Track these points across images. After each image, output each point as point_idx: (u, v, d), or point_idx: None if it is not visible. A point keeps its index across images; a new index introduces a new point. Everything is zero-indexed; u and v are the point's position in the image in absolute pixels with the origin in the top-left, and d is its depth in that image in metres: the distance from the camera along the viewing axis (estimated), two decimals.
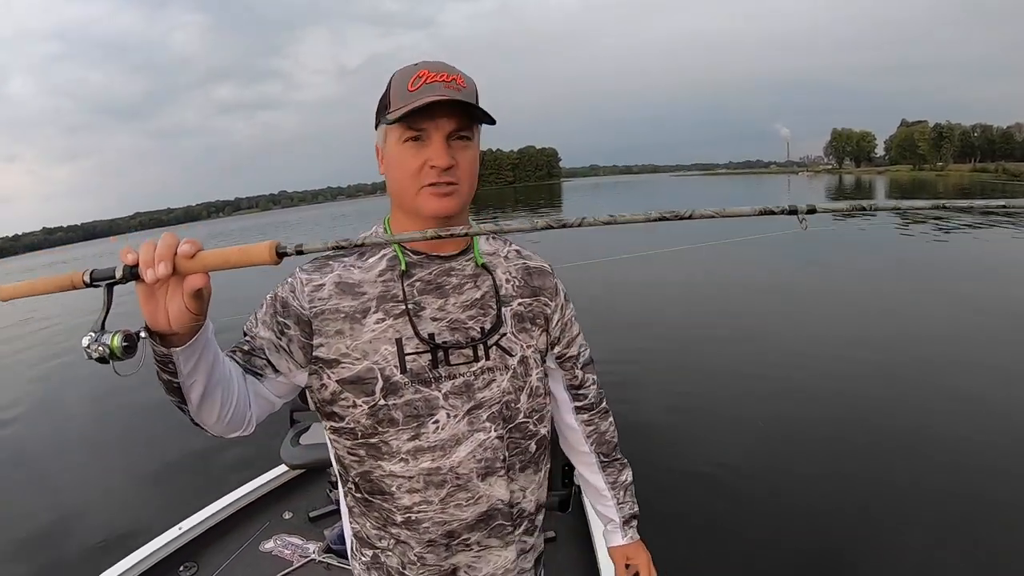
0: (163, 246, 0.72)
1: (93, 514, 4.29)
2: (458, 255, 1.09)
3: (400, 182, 1.01)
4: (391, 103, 0.98)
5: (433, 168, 0.98)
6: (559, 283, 1.20)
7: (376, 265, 1.05)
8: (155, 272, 0.71)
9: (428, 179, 0.99)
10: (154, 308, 0.75)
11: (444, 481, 1.04)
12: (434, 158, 0.97)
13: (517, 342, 1.09)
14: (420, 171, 0.98)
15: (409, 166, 0.99)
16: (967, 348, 6.28)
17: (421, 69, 0.98)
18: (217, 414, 0.90)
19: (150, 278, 0.71)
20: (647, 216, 0.74)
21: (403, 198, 1.02)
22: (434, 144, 0.98)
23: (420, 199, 1.00)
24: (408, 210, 1.04)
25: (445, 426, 1.03)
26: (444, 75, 0.97)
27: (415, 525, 1.06)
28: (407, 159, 0.99)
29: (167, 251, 0.72)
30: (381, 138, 1.04)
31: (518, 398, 1.09)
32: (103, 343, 0.73)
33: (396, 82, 0.99)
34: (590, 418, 1.29)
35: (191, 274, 0.73)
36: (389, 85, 1.00)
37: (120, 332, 0.74)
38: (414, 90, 0.96)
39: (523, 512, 1.15)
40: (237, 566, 2.59)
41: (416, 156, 0.98)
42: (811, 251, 13.17)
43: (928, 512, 3.48)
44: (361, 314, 1.02)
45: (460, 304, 1.06)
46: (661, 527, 3.56)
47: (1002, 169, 79.70)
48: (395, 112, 0.96)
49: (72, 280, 0.76)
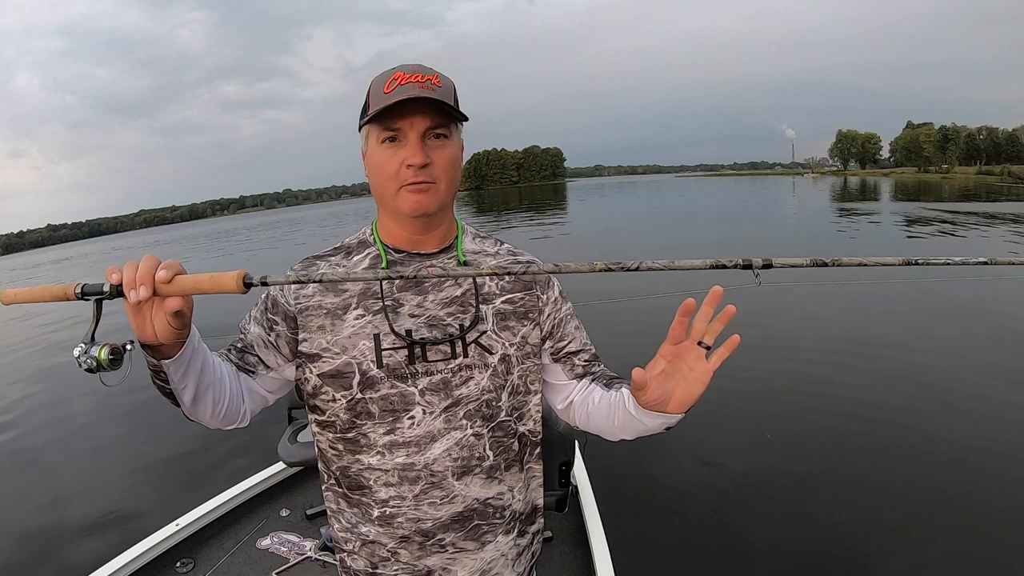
0: (143, 269, 0.78)
1: (91, 510, 4.30)
2: (439, 252, 1.11)
3: (380, 183, 1.03)
4: (369, 106, 1.01)
5: (409, 167, 0.99)
6: (553, 279, 1.19)
7: (360, 263, 1.10)
8: (137, 294, 0.77)
9: (406, 178, 1.00)
10: (141, 323, 0.81)
11: (418, 477, 1.05)
12: (409, 157, 0.99)
13: (498, 340, 1.08)
14: (398, 171, 1.01)
15: (387, 167, 1.01)
16: (977, 353, 6.11)
17: (397, 72, 1.00)
18: (210, 412, 0.97)
19: (132, 299, 0.78)
20: (592, 267, 0.74)
21: (384, 198, 1.05)
22: (410, 143, 1.00)
23: (399, 199, 1.02)
24: (390, 210, 1.06)
25: (420, 422, 1.04)
26: (418, 76, 0.99)
27: (389, 520, 1.06)
28: (385, 160, 1.01)
29: (147, 274, 0.77)
30: (364, 142, 1.06)
31: (499, 396, 1.09)
32: (91, 355, 0.79)
33: (374, 86, 1.01)
34: (594, 377, 1.18)
35: (169, 296, 0.78)
36: (369, 89, 1.03)
37: (108, 345, 0.80)
38: (389, 91, 0.98)
39: (514, 514, 1.14)
40: (234, 563, 2.60)
41: (393, 156, 1.01)
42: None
43: (944, 527, 3.40)
44: (342, 310, 1.05)
45: (439, 301, 1.07)
46: (670, 535, 3.57)
47: (1007, 172, 79.57)
48: (370, 113, 0.99)
49: (66, 292, 0.82)
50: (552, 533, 2.67)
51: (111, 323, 0.82)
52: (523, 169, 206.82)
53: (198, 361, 0.90)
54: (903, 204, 31.58)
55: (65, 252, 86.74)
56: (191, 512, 2.76)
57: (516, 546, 1.17)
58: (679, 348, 0.93)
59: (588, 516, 2.63)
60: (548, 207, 46.01)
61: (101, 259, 46.15)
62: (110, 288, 0.79)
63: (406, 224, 1.07)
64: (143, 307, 0.79)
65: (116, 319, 0.83)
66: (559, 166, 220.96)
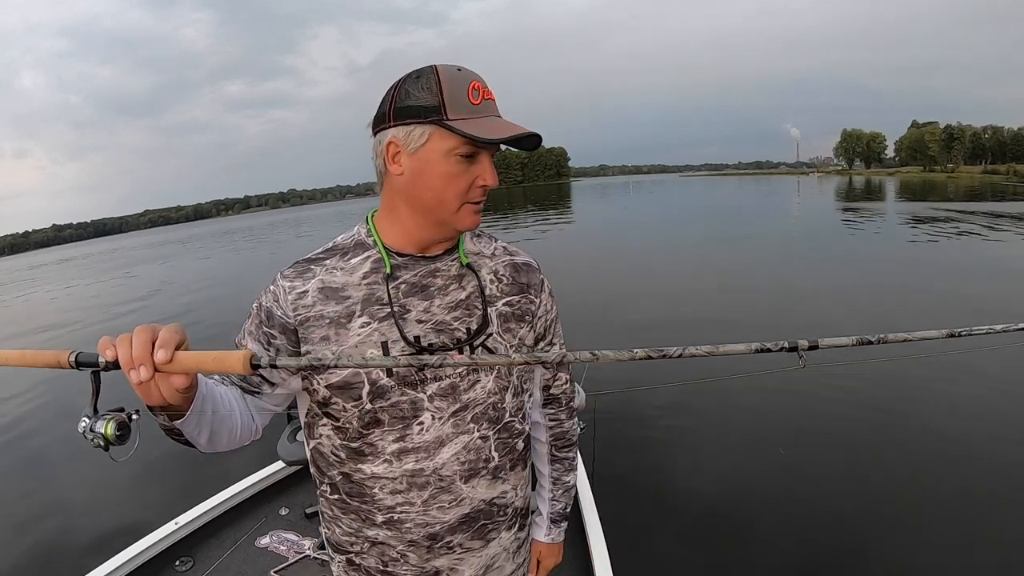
0: (140, 348, 0.73)
1: (90, 509, 4.32)
2: (443, 255, 1.08)
3: (440, 194, 0.97)
4: (446, 107, 0.93)
5: (482, 187, 0.98)
6: (545, 280, 1.19)
7: (360, 267, 1.04)
8: (138, 375, 0.73)
9: (474, 197, 0.99)
10: (146, 391, 0.77)
11: (427, 483, 1.04)
12: (488, 179, 0.98)
13: (502, 342, 1.08)
14: (468, 189, 0.98)
15: (459, 182, 0.97)
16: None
17: (472, 79, 0.95)
18: (225, 442, 0.97)
19: (134, 380, 0.74)
20: (632, 355, 0.69)
21: (439, 210, 0.99)
22: (484, 163, 0.98)
23: (460, 214, 1.00)
24: (437, 221, 1.01)
25: (430, 428, 1.03)
26: (490, 92, 0.97)
27: (397, 525, 1.06)
28: (458, 174, 0.96)
29: (145, 355, 0.73)
30: (413, 138, 0.95)
31: (503, 398, 1.10)
32: (97, 432, 0.76)
33: (450, 86, 0.93)
34: (555, 413, 1.28)
35: (172, 374, 0.75)
36: (439, 84, 0.93)
37: (113, 419, 0.77)
38: (477, 103, 0.94)
39: (517, 510, 1.16)
40: (233, 561, 2.59)
41: (466, 173, 0.97)
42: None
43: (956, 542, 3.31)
44: (346, 319, 1.01)
45: (445, 305, 1.05)
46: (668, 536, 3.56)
47: (1013, 171, 79.14)
48: (474, 126, 0.93)
49: (59, 359, 0.77)
50: None
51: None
52: (527, 169, 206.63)
53: (208, 407, 0.88)
54: (909, 204, 31.43)
55: (69, 252, 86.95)
56: (190, 510, 2.76)
57: (516, 539, 1.19)
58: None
59: (587, 517, 2.62)
60: (553, 207, 45.93)
61: (105, 259, 46.25)
62: (106, 363, 0.75)
63: (438, 232, 1.03)
64: (146, 382, 0.75)
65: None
66: (563, 166, 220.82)
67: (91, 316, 14.31)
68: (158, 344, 0.73)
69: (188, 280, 20.30)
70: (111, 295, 19.10)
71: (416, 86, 0.94)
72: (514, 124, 0.96)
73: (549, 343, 1.20)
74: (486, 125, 0.93)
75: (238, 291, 15.75)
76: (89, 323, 13.17)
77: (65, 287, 25.01)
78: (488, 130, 0.92)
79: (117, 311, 14.61)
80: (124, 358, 0.73)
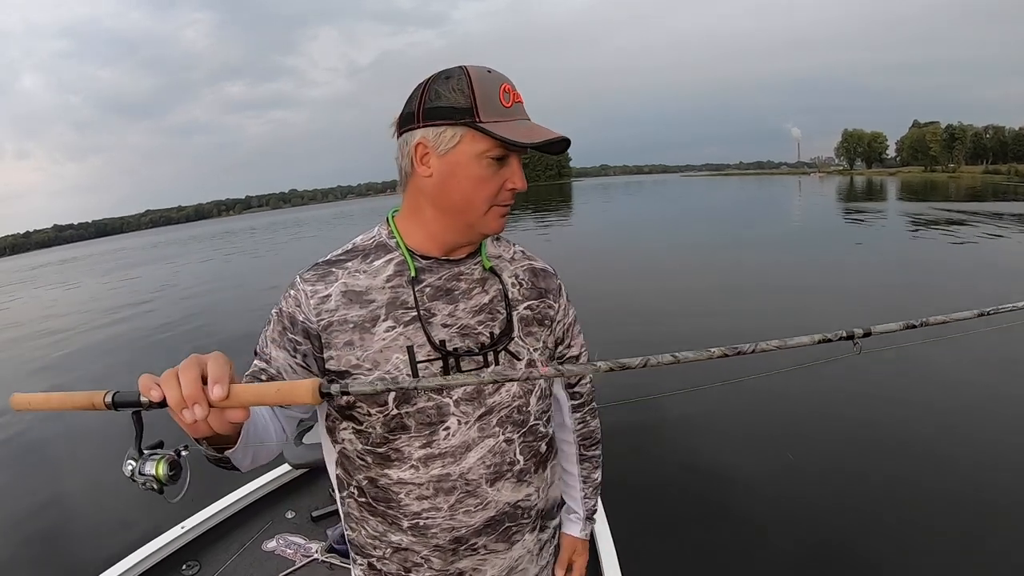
0: (191, 386, 0.68)
1: (97, 513, 4.31)
2: (466, 258, 1.07)
3: (470, 197, 0.97)
4: (480, 109, 0.92)
5: (511, 191, 0.98)
6: (562, 285, 1.19)
7: (383, 270, 1.03)
8: (192, 415, 0.68)
9: (504, 200, 0.99)
10: (195, 426, 0.72)
11: (454, 487, 1.04)
12: (517, 182, 0.98)
13: (524, 346, 1.08)
14: (498, 192, 0.98)
15: (490, 185, 0.97)
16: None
17: (503, 82, 0.95)
18: (264, 457, 0.96)
19: (188, 420, 0.69)
20: (711, 354, 0.72)
21: (468, 213, 0.99)
22: (514, 167, 0.98)
23: (488, 218, 1.00)
24: (464, 223, 1.01)
25: (456, 432, 1.02)
26: (520, 95, 0.97)
27: (422, 531, 1.05)
28: (488, 176, 0.96)
29: (197, 392, 0.68)
30: (443, 140, 0.95)
31: (528, 401, 1.09)
32: (147, 474, 0.72)
33: (483, 88, 0.93)
34: (582, 416, 1.29)
35: (229, 409, 0.71)
36: (469, 84, 0.93)
37: (164, 459, 0.73)
38: (508, 106, 0.94)
39: (539, 512, 1.16)
40: (239, 565, 2.58)
41: (496, 176, 0.97)
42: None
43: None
44: (371, 323, 1.00)
45: (470, 309, 1.04)
46: (676, 535, 3.55)
47: (1014, 171, 79.16)
48: (507, 128, 0.93)
49: (92, 400, 0.72)
50: None
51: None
52: (529, 169, 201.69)
53: (254, 431, 0.87)
54: (910, 204, 31.42)
55: (71, 253, 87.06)
56: (197, 514, 2.75)
57: (539, 541, 1.18)
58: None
59: (595, 516, 2.60)
60: (555, 207, 45.90)
61: (107, 260, 46.28)
62: (149, 402, 0.70)
63: (465, 235, 1.03)
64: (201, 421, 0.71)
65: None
66: (565, 166, 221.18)
67: (93, 320, 14.31)
68: (212, 379, 0.69)
69: (189, 282, 20.30)
70: (112, 297, 19.11)
71: (447, 87, 0.93)
72: (545, 128, 0.96)
73: (567, 346, 1.20)
74: (518, 128, 0.93)
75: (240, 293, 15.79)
76: (91, 326, 13.18)
77: (65, 289, 25.03)
78: (520, 133, 0.92)
79: (119, 315, 14.59)
80: (174, 399, 0.68)
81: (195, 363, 0.70)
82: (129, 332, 11.70)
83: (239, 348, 1.05)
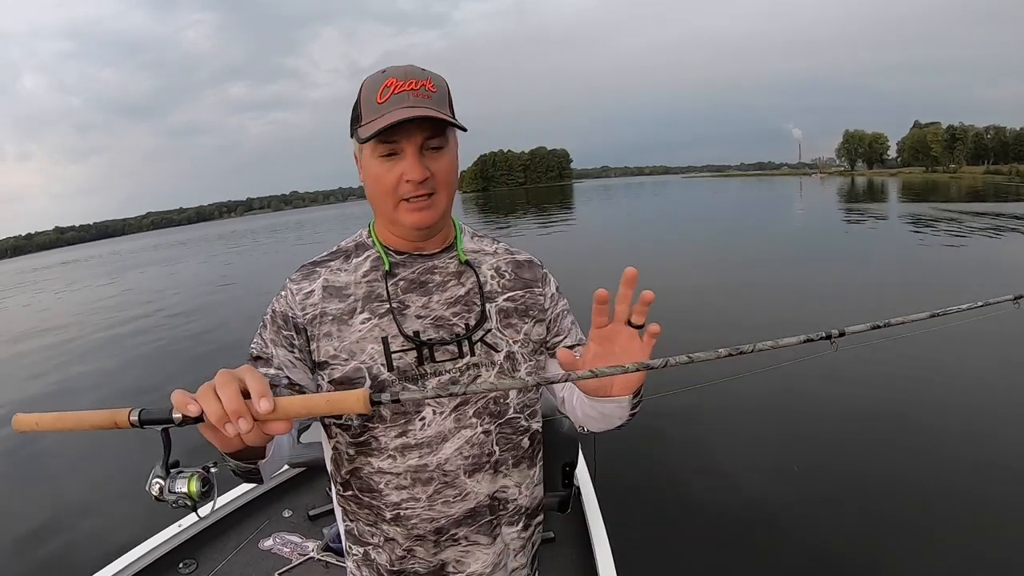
0: (234, 400, 0.69)
1: (94, 511, 4.33)
2: (441, 252, 1.10)
3: (378, 196, 1.01)
4: (362, 115, 0.98)
5: (408, 182, 0.97)
6: (549, 274, 1.20)
7: (361, 266, 1.07)
8: (236, 429, 0.69)
9: (405, 193, 0.99)
10: (226, 440, 0.73)
11: (431, 478, 1.05)
12: (408, 172, 0.97)
13: (503, 338, 1.09)
14: (396, 186, 0.98)
15: (385, 181, 0.99)
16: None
17: (389, 77, 0.96)
18: (279, 466, 0.99)
19: (231, 433, 0.70)
20: (719, 354, 0.77)
21: (383, 211, 1.03)
22: (408, 158, 0.97)
23: (399, 213, 1.01)
24: (388, 221, 1.05)
25: (431, 423, 1.04)
26: (412, 82, 0.96)
27: (403, 521, 1.07)
28: (382, 173, 0.98)
29: (241, 406, 0.69)
30: (357, 148, 1.03)
31: (507, 393, 1.10)
32: (179, 492, 0.72)
33: (365, 92, 0.98)
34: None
35: (273, 422, 0.72)
36: (359, 94, 0.99)
37: (195, 475, 0.73)
38: (383, 101, 0.95)
39: (519, 508, 1.16)
40: (236, 563, 2.59)
41: (391, 171, 0.98)
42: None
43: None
44: (348, 315, 1.03)
45: (444, 301, 1.07)
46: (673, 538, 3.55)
47: (1016, 171, 78.98)
48: (367, 128, 0.96)
49: (115, 419, 0.71)
50: (554, 534, 2.66)
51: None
52: (530, 170, 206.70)
53: (273, 439, 0.86)
54: (912, 205, 31.37)
55: (72, 255, 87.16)
56: (194, 512, 2.75)
57: (521, 537, 1.19)
58: (607, 331, 0.90)
59: (590, 517, 2.61)
60: (556, 208, 45.89)
61: (110, 261, 46.32)
62: (183, 418, 0.69)
63: (406, 234, 1.06)
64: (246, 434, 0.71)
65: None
66: (566, 167, 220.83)
67: (94, 321, 14.32)
68: (257, 393, 0.70)
69: (189, 283, 20.32)
70: (112, 298, 19.13)
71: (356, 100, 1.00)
72: (404, 108, 0.94)
73: (559, 335, 1.19)
74: (380, 121, 0.94)
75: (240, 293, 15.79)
76: (92, 329, 13.19)
77: (64, 291, 25.05)
78: (377, 124, 0.94)
79: (119, 318, 14.60)
80: (215, 413, 0.69)
81: (232, 377, 0.71)
82: (125, 337, 11.71)
83: (239, 350, 1.07)
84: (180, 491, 0.72)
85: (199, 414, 0.69)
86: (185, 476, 0.73)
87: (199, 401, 0.70)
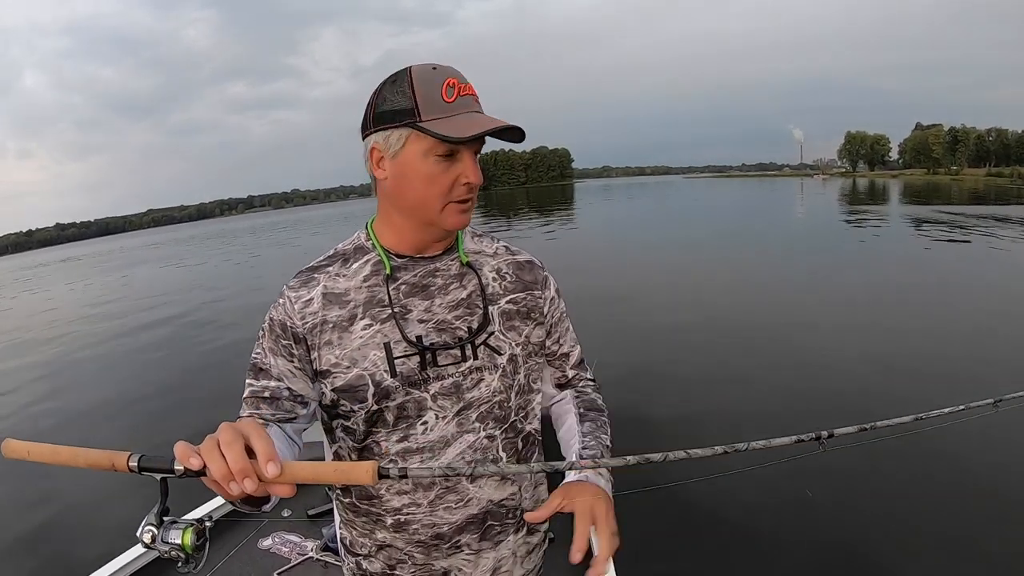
0: (240, 460, 0.68)
1: (91, 510, 4.32)
2: (442, 255, 1.08)
3: (423, 196, 0.98)
4: (420, 108, 0.93)
5: (466, 185, 0.97)
6: (549, 276, 1.19)
7: (360, 271, 1.05)
8: (241, 488, 0.69)
9: (458, 195, 0.98)
10: (227, 493, 0.72)
11: (433, 483, 1.04)
12: (470, 176, 0.97)
13: (506, 340, 1.08)
14: (451, 188, 0.97)
15: (441, 182, 0.96)
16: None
17: (447, 76, 0.94)
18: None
19: (235, 492, 0.69)
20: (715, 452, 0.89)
21: (423, 211, 1.00)
22: (466, 161, 0.96)
23: (445, 214, 0.99)
24: (424, 222, 1.02)
25: (434, 427, 1.03)
26: (469, 87, 0.96)
27: (404, 527, 1.06)
28: (437, 174, 0.96)
29: (247, 467, 0.68)
30: (391, 142, 0.96)
31: (509, 397, 1.09)
32: (172, 543, 0.71)
33: (423, 87, 0.93)
34: (583, 387, 1.26)
35: (278, 485, 0.71)
36: (411, 87, 0.93)
37: (191, 527, 0.72)
38: (451, 101, 0.93)
39: (524, 511, 1.14)
40: (235, 563, 2.58)
41: (446, 173, 0.96)
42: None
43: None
44: (348, 322, 1.01)
45: (446, 304, 1.05)
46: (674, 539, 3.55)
47: (1017, 174, 78.93)
48: (445, 125, 0.92)
49: (113, 461, 0.70)
50: (555, 535, 2.64)
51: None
52: (531, 170, 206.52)
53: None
54: (913, 207, 31.33)
55: (72, 251, 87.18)
56: (192, 512, 2.74)
57: (526, 543, 1.18)
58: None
59: None
60: (557, 209, 45.87)
61: (110, 259, 46.31)
62: (184, 470, 0.68)
63: (429, 233, 1.03)
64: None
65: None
66: (567, 167, 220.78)
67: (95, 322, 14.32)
68: (264, 456, 0.69)
69: (190, 284, 20.32)
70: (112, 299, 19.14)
71: (392, 90, 0.95)
72: (489, 118, 0.95)
73: (557, 343, 1.20)
74: (460, 123, 0.92)
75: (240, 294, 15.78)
76: (96, 330, 13.19)
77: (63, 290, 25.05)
78: (461, 128, 0.92)
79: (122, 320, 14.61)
80: (219, 471, 0.67)
81: (237, 435, 0.70)
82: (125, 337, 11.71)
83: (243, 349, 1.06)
84: (174, 542, 0.70)
85: (201, 468, 0.68)
86: (180, 527, 0.71)
87: (203, 456, 0.68)
